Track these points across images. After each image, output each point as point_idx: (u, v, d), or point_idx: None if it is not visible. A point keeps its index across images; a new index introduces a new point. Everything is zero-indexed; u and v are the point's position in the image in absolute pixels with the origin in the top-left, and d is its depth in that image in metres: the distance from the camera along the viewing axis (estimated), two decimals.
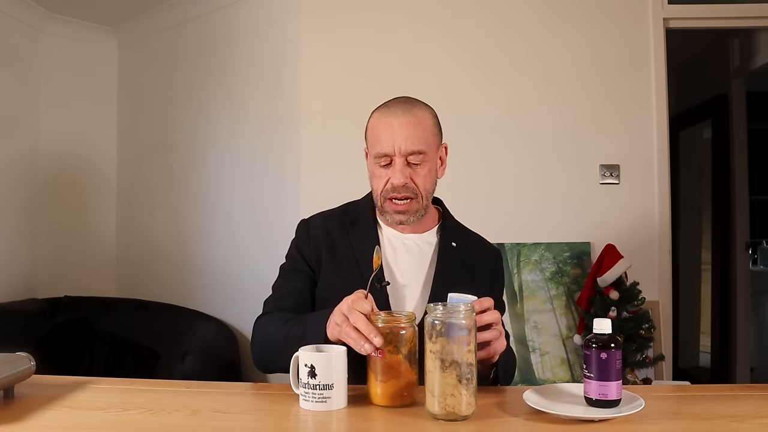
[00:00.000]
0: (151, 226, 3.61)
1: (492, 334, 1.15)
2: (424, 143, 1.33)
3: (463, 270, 1.40)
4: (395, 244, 1.42)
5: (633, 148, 2.80)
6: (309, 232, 1.46)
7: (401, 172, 1.32)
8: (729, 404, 1.11)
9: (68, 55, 3.61)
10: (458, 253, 1.42)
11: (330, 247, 1.42)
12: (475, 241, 1.50)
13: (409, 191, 1.33)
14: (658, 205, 2.78)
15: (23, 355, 1.17)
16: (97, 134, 3.72)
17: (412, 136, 1.31)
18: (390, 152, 1.32)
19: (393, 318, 1.11)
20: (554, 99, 2.83)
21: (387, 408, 1.08)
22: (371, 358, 1.09)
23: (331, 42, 2.88)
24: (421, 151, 1.32)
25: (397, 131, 1.31)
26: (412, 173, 1.33)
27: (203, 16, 3.35)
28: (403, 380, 1.09)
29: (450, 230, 1.46)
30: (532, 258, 2.75)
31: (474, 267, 1.43)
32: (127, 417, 1.04)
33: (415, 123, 1.32)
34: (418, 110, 1.35)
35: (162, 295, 3.35)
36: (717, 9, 2.85)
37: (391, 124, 1.32)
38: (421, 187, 1.35)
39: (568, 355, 2.67)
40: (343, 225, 1.45)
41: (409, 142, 1.31)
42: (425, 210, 1.39)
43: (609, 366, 1.02)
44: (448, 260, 1.40)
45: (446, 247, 1.42)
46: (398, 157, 1.32)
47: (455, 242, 1.43)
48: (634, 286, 2.56)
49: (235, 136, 3.21)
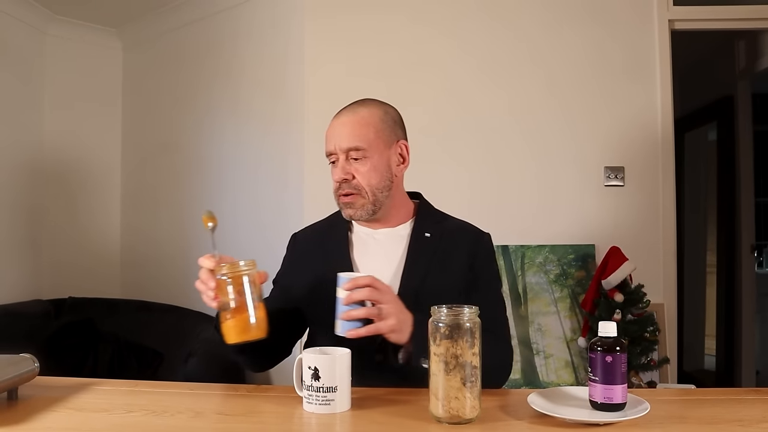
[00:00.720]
0: (155, 227, 3.61)
1: (364, 311, 1.17)
2: (363, 140, 1.38)
3: (435, 259, 1.40)
4: (366, 240, 1.45)
5: (638, 150, 2.79)
6: (294, 247, 1.56)
7: (341, 168, 1.39)
8: (735, 408, 1.10)
9: (72, 56, 3.62)
10: (432, 242, 1.43)
11: (307, 259, 1.50)
12: (454, 228, 1.49)
13: (351, 187, 1.39)
14: (663, 208, 2.77)
15: (27, 356, 1.17)
16: (101, 136, 3.73)
17: (350, 133, 1.38)
18: (332, 150, 1.40)
19: (234, 265, 1.18)
20: (558, 101, 2.82)
21: (388, 412, 1.08)
22: (221, 304, 1.18)
23: (335, 43, 2.88)
24: (358, 147, 1.38)
25: (337, 130, 1.40)
26: (354, 170, 1.39)
27: (207, 17, 3.35)
28: (246, 317, 1.15)
29: (424, 221, 1.47)
30: (536, 260, 2.75)
31: (450, 254, 1.43)
32: (131, 419, 1.04)
33: (354, 121, 1.40)
34: (363, 109, 1.42)
35: (166, 296, 3.35)
36: (723, 10, 2.84)
37: (334, 124, 1.42)
38: (364, 183, 1.39)
39: (572, 357, 2.66)
40: (322, 233, 1.52)
41: (346, 139, 1.38)
42: (375, 205, 1.40)
43: (614, 369, 1.01)
44: (419, 251, 1.41)
45: (418, 237, 1.43)
46: (340, 154, 1.39)
47: (429, 232, 1.44)
48: (639, 289, 2.55)
49: (240, 137, 3.21)
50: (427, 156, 2.84)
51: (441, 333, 1.02)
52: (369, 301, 1.20)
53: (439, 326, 1.02)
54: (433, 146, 2.82)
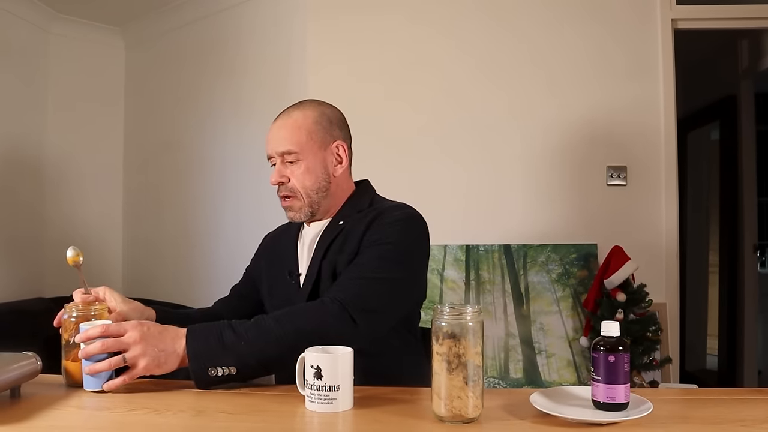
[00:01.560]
0: (158, 226, 3.62)
1: (105, 364, 1.13)
2: (294, 143, 1.40)
3: (336, 243, 1.40)
4: (304, 237, 1.51)
5: (640, 149, 2.79)
6: (262, 244, 1.66)
7: (277, 171, 1.43)
8: (738, 408, 1.10)
9: (75, 55, 3.62)
10: (341, 228, 1.42)
11: (269, 256, 1.58)
12: (374, 211, 1.43)
13: (287, 190, 1.43)
14: (666, 207, 2.77)
15: (30, 354, 1.17)
16: (104, 135, 3.73)
17: (281, 137, 1.41)
18: (270, 153, 1.44)
19: (86, 307, 1.27)
20: (560, 100, 2.82)
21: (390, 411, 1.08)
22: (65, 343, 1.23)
23: (337, 44, 2.88)
24: (290, 151, 1.40)
25: (272, 134, 1.43)
26: (289, 173, 1.42)
27: (210, 16, 3.35)
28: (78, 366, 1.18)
29: (346, 211, 1.46)
30: (538, 259, 2.74)
31: (349, 234, 1.39)
32: (133, 417, 1.04)
33: (287, 125, 1.42)
34: (297, 112, 1.43)
35: (168, 295, 3.35)
36: (726, 10, 2.83)
37: (271, 128, 1.45)
38: (299, 185, 1.41)
39: (574, 357, 2.66)
40: (284, 230, 1.60)
41: (280, 143, 1.41)
42: (311, 207, 1.43)
43: (617, 369, 1.01)
44: (327, 239, 1.42)
45: (331, 227, 1.44)
46: (276, 158, 1.43)
47: (344, 220, 1.43)
48: (641, 288, 2.55)
49: (242, 137, 3.21)
50: (427, 156, 2.85)
51: (444, 332, 1.01)
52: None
53: (441, 326, 1.02)
54: (434, 146, 2.82)
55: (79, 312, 1.24)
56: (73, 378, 1.20)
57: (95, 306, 1.26)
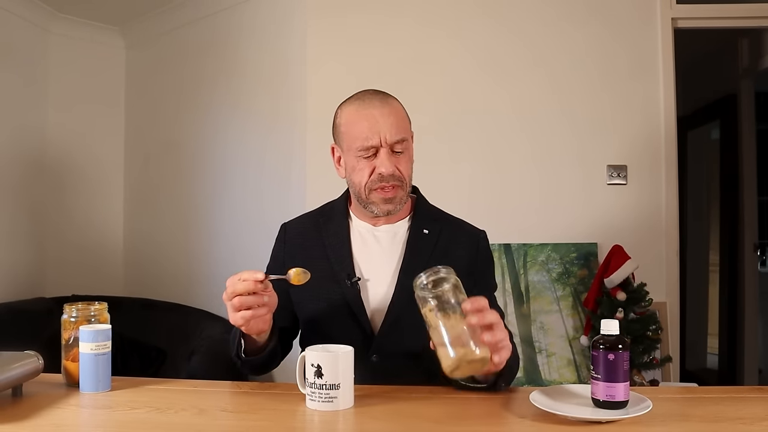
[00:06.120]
0: (158, 225, 3.62)
1: (498, 335, 1.06)
2: (406, 131, 1.36)
3: (433, 256, 1.36)
4: (365, 237, 1.41)
5: (640, 148, 2.79)
6: (285, 237, 1.49)
7: (390, 161, 1.32)
8: (737, 406, 1.10)
9: (75, 55, 3.62)
10: (430, 239, 1.40)
11: (303, 248, 1.44)
12: (452, 225, 1.46)
13: (396, 179, 1.34)
14: (666, 206, 2.77)
15: (31, 353, 1.18)
16: (104, 134, 3.74)
17: (395, 125, 1.33)
18: (376, 144, 1.32)
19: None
20: (561, 99, 2.82)
21: (390, 410, 1.08)
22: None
23: (337, 43, 2.88)
24: (404, 138, 1.35)
25: (380, 122, 1.32)
26: (397, 161, 1.34)
27: (210, 15, 3.35)
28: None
29: (423, 217, 1.44)
30: (538, 258, 2.75)
31: (447, 251, 1.40)
32: (135, 416, 1.04)
33: (394, 112, 1.35)
34: (392, 100, 1.39)
35: (169, 294, 3.36)
36: (726, 8, 2.83)
37: (373, 115, 1.32)
38: (406, 174, 1.36)
39: (574, 356, 2.66)
40: (317, 224, 1.46)
41: (394, 131, 1.32)
42: (407, 197, 1.40)
43: (617, 367, 1.01)
44: (418, 248, 1.38)
45: (416, 234, 1.40)
46: (385, 147, 1.32)
47: (427, 228, 1.42)
48: (642, 287, 2.55)
49: (242, 136, 3.21)
50: (429, 155, 2.84)
51: (428, 290, 1.07)
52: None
53: (426, 285, 1.08)
54: (436, 145, 2.82)
55: (80, 312, 1.24)
56: (72, 378, 1.21)
57: (95, 306, 1.26)
